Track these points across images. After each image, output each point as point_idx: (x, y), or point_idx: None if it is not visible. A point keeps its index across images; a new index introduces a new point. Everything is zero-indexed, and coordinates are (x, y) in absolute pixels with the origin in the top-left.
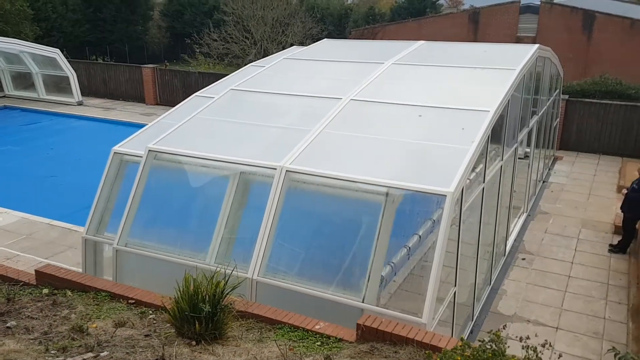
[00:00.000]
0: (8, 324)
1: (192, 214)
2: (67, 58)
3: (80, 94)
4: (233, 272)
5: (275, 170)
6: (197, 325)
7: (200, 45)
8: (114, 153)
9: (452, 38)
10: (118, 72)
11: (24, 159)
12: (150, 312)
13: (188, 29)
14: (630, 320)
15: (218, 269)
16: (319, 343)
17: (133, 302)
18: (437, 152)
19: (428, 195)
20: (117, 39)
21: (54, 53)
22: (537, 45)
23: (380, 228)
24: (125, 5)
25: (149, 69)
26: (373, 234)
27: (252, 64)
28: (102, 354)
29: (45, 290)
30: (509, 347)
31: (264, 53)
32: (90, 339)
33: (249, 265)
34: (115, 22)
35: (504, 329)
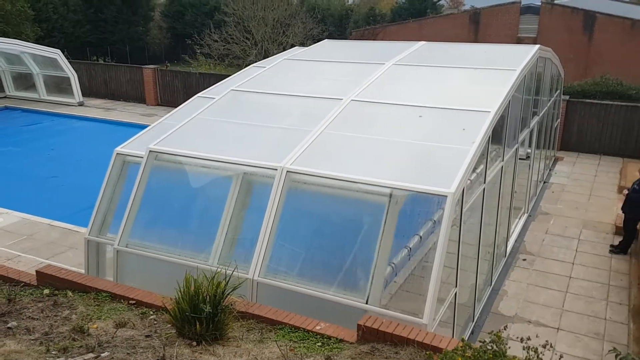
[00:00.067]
0: (9, 325)
1: (193, 215)
2: (68, 59)
3: (81, 95)
4: (234, 272)
5: (276, 171)
6: (197, 326)
7: (201, 46)
8: (117, 154)
9: (452, 39)
10: (119, 72)
11: (25, 160)
12: (151, 312)
13: (189, 30)
14: (631, 321)
15: (219, 270)
16: (320, 344)
17: (134, 302)
18: (437, 152)
19: (429, 196)
20: (118, 40)
21: (55, 54)
22: (537, 46)
23: (384, 229)
24: (126, 6)
25: (150, 70)
26: (376, 235)
27: (254, 65)
28: (102, 355)
29: (46, 291)
30: (510, 347)
31: (265, 54)
32: (91, 340)
33: (250, 266)
34: (116, 22)
35: (505, 330)
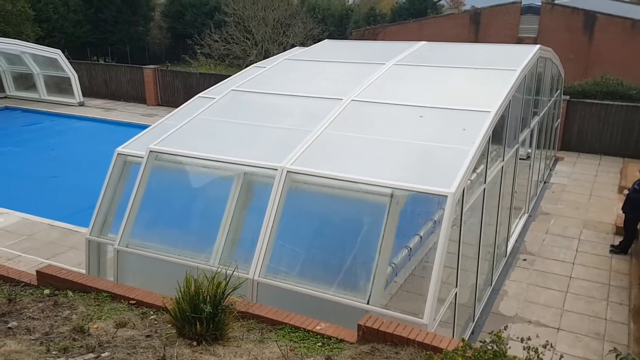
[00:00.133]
0: (9, 325)
1: (193, 215)
2: (68, 59)
3: (82, 95)
4: (234, 272)
5: (276, 171)
6: (198, 326)
7: (201, 46)
8: (118, 154)
9: (453, 39)
10: (119, 72)
11: (25, 160)
12: (152, 312)
13: (189, 30)
14: (632, 321)
15: (219, 270)
16: (320, 344)
17: (134, 302)
18: (438, 152)
19: (429, 196)
20: (118, 40)
21: (55, 54)
22: (538, 46)
23: (385, 229)
24: (127, 6)
25: (150, 70)
26: (377, 236)
27: (254, 65)
28: (103, 355)
29: (47, 291)
30: (510, 348)
31: (265, 54)
32: (92, 340)
33: (250, 266)
34: (117, 23)
35: (505, 330)
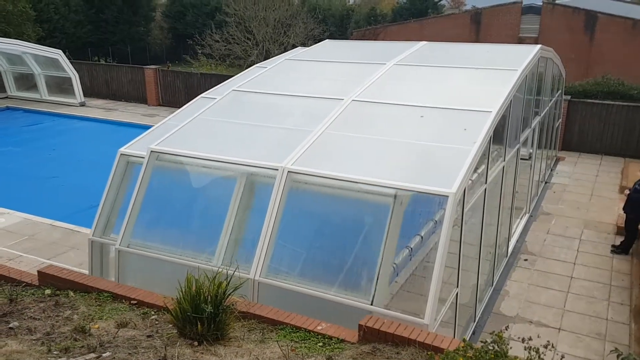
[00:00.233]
0: (11, 325)
1: (194, 215)
2: (69, 59)
3: (83, 95)
4: (235, 272)
5: (277, 171)
6: (199, 326)
7: (202, 47)
8: (121, 154)
9: (454, 39)
10: (120, 73)
11: (26, 160)
12: (153, 312)
13: (190, 30)
14: (633, 321)
15: (220, 270)
16: (321, 344)
17: (135, 302)
18: (439, 152)
19: (430, 196)
20: (119, 40)
21: (57, 54)
22: (539, 46)
23: (389, 230)
24: (127, 7)
25: (151, 70)
26: (381, 236)
27: (257, 65)
28: (104, 355)
29: (48, 291)
30: (512, 348)
31: (266, 54)
32: (93, 340)
33: (251, 266)
34: (118, 23)
35: (506, 330)
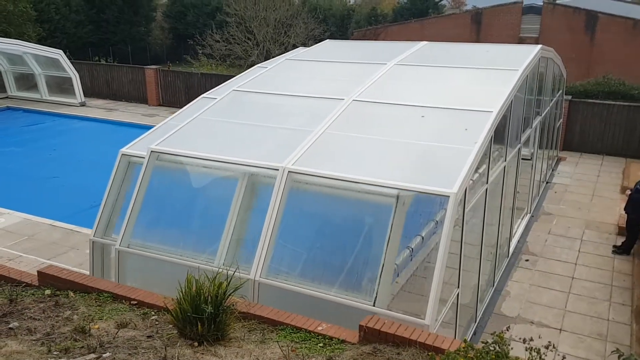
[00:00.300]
0: (10, 325)
1: (195, 215)
2: (70, 59)
3: (83, 95)
4: (235, 273)
5: (278, 171)
6: (199, 327)
7: (203, 47)
8: (122, 155)
9: (454, 39)
10: (121, 73)
11: (27, 160)
12: (153, 313)
13: (191, 30)
14: (634, 322)
15: (220, 270)
16: (322, 344)
17: (135, 303)
18: (439, 152)
19: (431, 196)
20: (119, 40)
21: (57, 54)
22: (539, 46)
23: (391, 231)
24: (128, 7)
25: (152, 70)
26: (383, 237)
27: (257, 65)
28: (104, 355)
29: (48, 291)
30: (513, 348)
31: (267, 54)
32: (93, 340)
33: (252, 266)
34: (118, 23)
35: (508, 331)
